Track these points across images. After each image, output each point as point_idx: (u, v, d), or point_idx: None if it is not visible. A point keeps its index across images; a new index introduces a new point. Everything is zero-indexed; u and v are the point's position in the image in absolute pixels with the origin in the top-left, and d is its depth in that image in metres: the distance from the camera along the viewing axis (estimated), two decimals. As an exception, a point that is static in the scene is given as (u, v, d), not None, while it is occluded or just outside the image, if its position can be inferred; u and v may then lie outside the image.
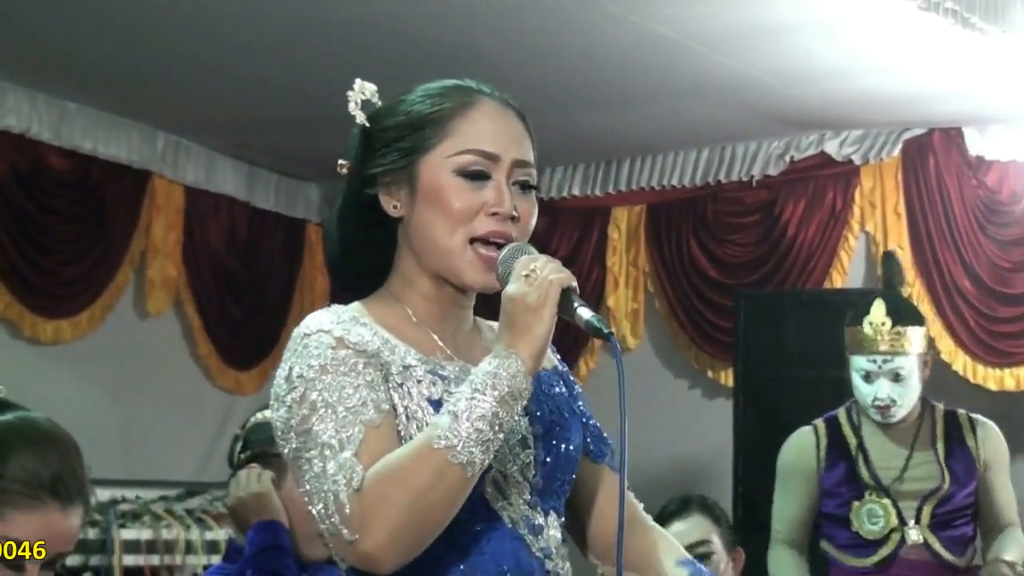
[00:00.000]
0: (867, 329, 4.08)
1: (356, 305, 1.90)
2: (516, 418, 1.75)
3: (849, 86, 5.92)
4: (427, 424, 1.75)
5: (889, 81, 5.83)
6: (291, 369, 1.78)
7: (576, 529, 2.01)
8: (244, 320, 7.30)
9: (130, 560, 5.85)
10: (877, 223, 6.57)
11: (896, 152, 6.53)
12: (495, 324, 1.87)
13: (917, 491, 4.02)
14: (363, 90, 1.92)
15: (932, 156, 6.46)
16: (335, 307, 1.86)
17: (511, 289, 1.76)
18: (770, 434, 5.83)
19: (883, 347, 4.05)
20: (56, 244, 6.43)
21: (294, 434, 1.76)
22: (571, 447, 1.92)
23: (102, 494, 5.89)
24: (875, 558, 4.02)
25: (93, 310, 6.56)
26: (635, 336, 7.07)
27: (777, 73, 5.77)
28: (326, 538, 1.75)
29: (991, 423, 4.17)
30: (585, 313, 1.76)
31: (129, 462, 6.56)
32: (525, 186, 1.89)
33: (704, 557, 3.20)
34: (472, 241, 1.85)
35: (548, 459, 1.88)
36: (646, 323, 7.11)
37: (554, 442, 1.89)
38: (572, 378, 2.06)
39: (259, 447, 2.65)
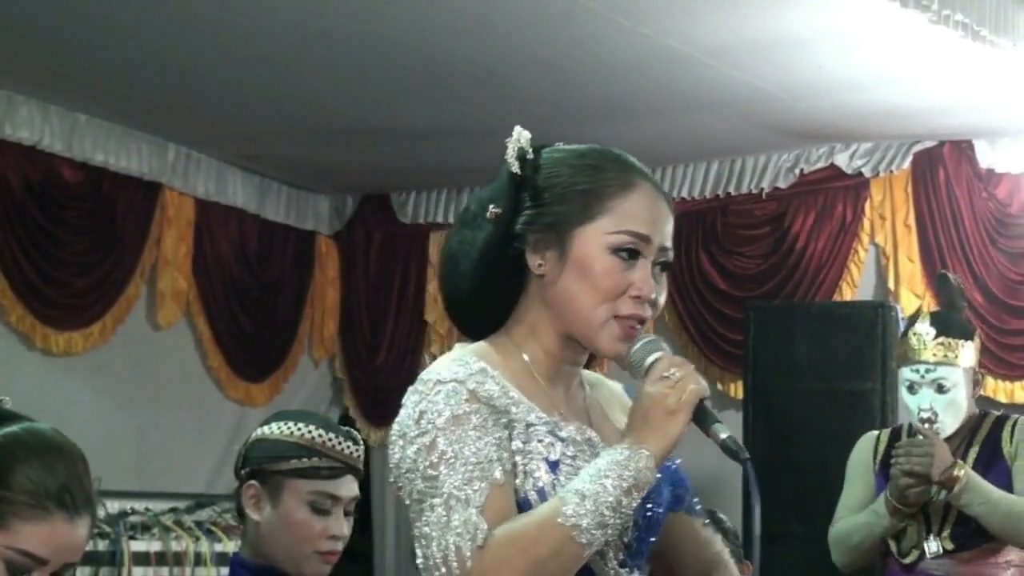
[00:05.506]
0: (912, 339, 4.01)
1: (479, 350, 1.94)
2: (635, 506, 1.84)
3: (859, 98, 5.92)
4: (541, 483, 1.85)
5: (899, 94, 5.82)
6: (422, 413, 1.84)
7: (659, 572, 2.10)
8: (254, 332, 7.31)
9: (139, 572, 5.87)
10: (887, 235, 6.56)
11: (906, 164, 6.52)
12: (594, 376, 2.06)
13: (939, 502, 3.94)
14: (520, 138, 1.96)
15: (942, 168, 6.45)
16: (463, 355, 1.92)
17: (651, 389, 1.87)
18: (779, 446, 5.85)
19: (926, 356, 3.98)
20: (67, 256, 6.43)
21: (420, 477, 1.82)
22: (660, 510, 2.01)
23: (112, 506, 5.90)
24: (908, 559, 4.01)
25: (104, 322, 6.57)
26: (645, 348, 7.06)
27: (787, 85, 5.77)
28: None
29: None
30: (721, 432, 1.89)
31: (139, 474, 6.56)
32: (664, 266, 1.97)
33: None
34: (613, 318, 1.93)
35: (641, 522, 1.97)
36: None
37: (648, 506, 1.97)
38: None
39: (257, 464, 2.64)
